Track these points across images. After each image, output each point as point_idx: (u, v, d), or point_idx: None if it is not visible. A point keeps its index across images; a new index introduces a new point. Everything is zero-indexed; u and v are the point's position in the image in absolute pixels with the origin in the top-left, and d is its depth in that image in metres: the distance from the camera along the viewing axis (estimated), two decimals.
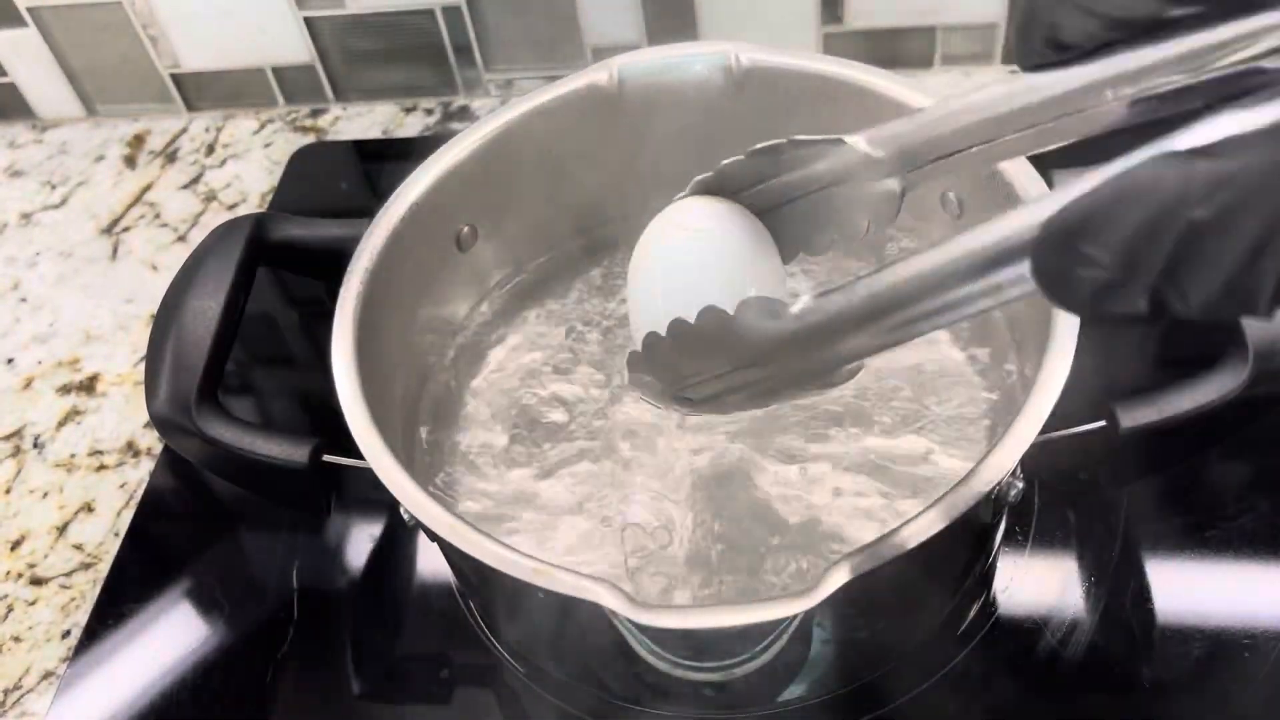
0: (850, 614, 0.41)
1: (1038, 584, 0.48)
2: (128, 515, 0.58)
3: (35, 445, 0.62)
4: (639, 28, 0.71)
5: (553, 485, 0.49)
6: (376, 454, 0.41)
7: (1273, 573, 0.47)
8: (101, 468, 0.60)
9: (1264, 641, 0.45)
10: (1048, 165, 0.46)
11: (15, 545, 0.58)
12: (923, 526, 0.36)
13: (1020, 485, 0.40)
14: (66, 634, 0.54)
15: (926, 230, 0.52)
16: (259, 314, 0.51)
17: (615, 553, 0.47)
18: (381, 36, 0.74)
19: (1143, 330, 0.57)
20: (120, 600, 0.54)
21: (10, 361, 0.67)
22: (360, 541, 0.54)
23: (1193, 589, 0.47)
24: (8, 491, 0.60)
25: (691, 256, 0.39)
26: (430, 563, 0.52)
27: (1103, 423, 0.40)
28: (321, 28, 0.74)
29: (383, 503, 0.41)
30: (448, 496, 0.49)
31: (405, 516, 0.41)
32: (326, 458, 0.44)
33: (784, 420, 0.50)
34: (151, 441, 0.61)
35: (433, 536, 0.40)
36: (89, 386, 0.64)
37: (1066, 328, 0.39)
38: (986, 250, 0.28)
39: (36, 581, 0.56)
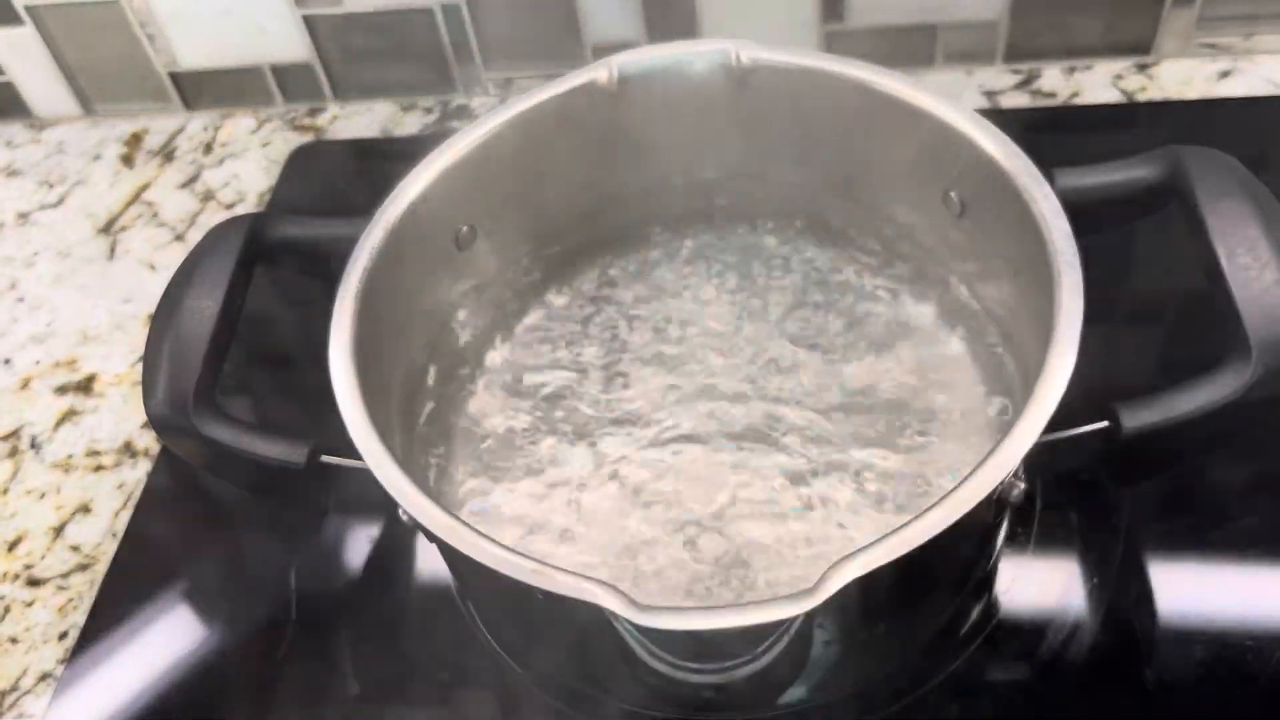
0: (851, 615, 0.41)
1: (1040, 585, 0.48)
2: (125, 516, 0.57)
3: (32, 446, 0.62)
4: (639, 26, 0.70)
5: (552, 486, 0.49)
6: (374, 454, 0.40)
7: (1275, 574, 0.47)
8: (99, 468, 0.60)
9: (1266, 643, 0.45)
10: (1050, 164, 0.45)
11: (12, 546, 0.58)
12: (924, 527, 0.35)
13: (1022, 486, 0.40)
14: (64, 635, 0.54)
15: (927, 227, 0.52)
16: (257, 314, 0.51)
17: (614, 555, 0.46)
18: (380, 35, 0.73)
19: (1145, 331, 0.57)
20: (118, 601, 0.54)
21: (7, 362, 0.66)
22: (359, 541, 0.54)
23: (1195, 591, 0.47)
24: (5, 492, 0.60)
25: None
26: (430, 563, 0.52)
27: (1105, 423, 0.40)
28: (320, 26, 0.73)
29: (382, 503, 0.40)
30: (446, 496, 0.49)
31: (403, 517, 0.41)
32: (324, 458, 0.44)
33: (782, 417, 0.49)
34: (149, 442, 0.61)
35: (431, 537, 0.40)
36: (86, 387, 0.64)
37: (1069, 328, 0.39)
38: None
39: (33, 582, 0.56)
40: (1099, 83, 0.69)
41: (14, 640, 0.54)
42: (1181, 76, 0.68)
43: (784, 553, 0.46)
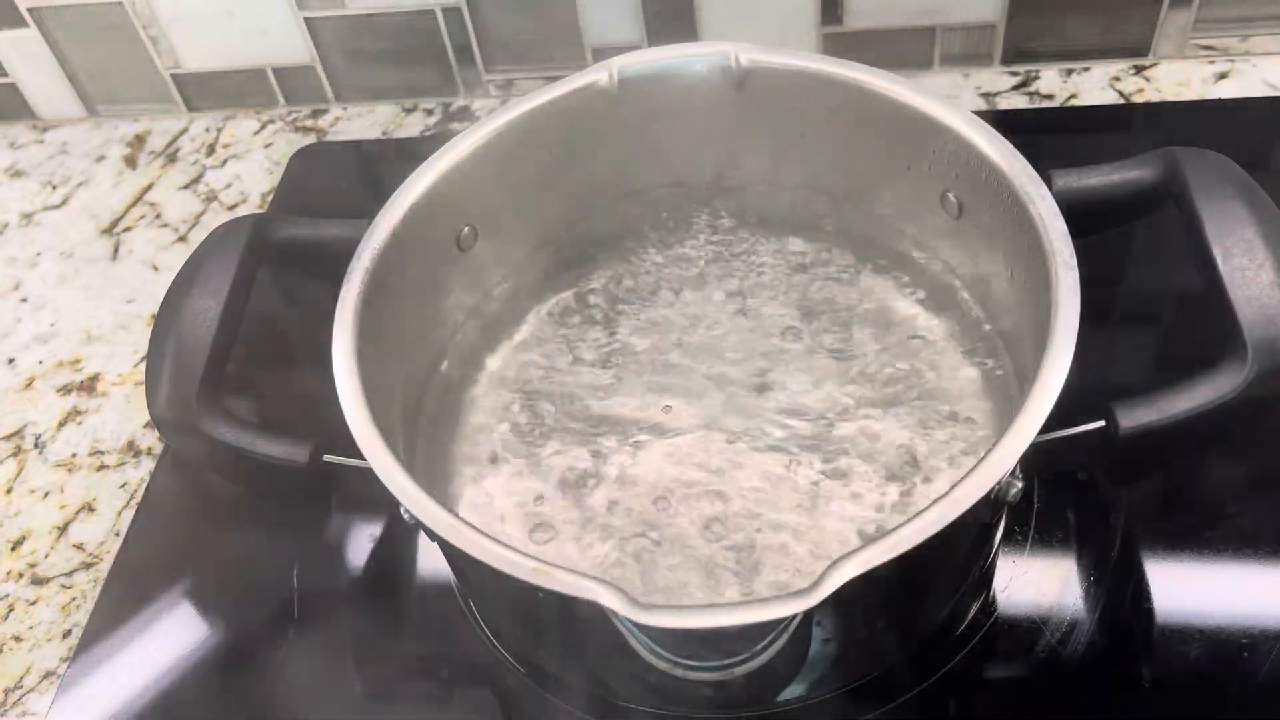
0: (850, 613, 0.41)
1: (1037, 584, 0.48)
2: (128, 515, 0.58)
3: (36, 445, 0.62)
4: (639, 28, 0.71)
5: (553, 484, 0.49)
6: (377, 454, 0.41)
7: (1271, 572, 0.47)
8: (102, 467, 0.60)
9: (1262, 641, 0.45)
10: (1047, 165, 0.46)
11: (16, 545, 0.58)
12: (922, 526, 0.36)
13: (1020, 485, 0.40)
14: (67, 634, 0.54)
15: (925, 229, 0.53)
16: (259, 314, 0.51)
17: (612, 554, 0.47)
18: (382, 37, 0.74)
19: (1141, 332, 0.57)
20: (121, 600, 0.54)
21: (11, 361, 0.67)
22: (360, 541, 0.54)
23: (1191, 589, 0.47)
24: (9, 491, 0.60)
25: None
26: (430, 563, 0.53)
27: (1102, 423, 0.40)
28: (322, 28, 0.74)
29: (383, 503, 0.41)
30: (447, 496, 0.49)
31: (405, 516, 0.41)
32: (327, 458, 0.44)
33: (783, 417, 0.50)
34: (152, 441, 0.61)
35: (433, 536, 0.40)
36: (90, 386, 0.65)
37: (1066, 328, 0.39)
38: None
39: (37, 581, 0.56)
40: (1096, 84, 0.69)
41: (18, 639, 0.54)
42: (1178, 78, 0.69)
43: (788, 545, 0.46)
